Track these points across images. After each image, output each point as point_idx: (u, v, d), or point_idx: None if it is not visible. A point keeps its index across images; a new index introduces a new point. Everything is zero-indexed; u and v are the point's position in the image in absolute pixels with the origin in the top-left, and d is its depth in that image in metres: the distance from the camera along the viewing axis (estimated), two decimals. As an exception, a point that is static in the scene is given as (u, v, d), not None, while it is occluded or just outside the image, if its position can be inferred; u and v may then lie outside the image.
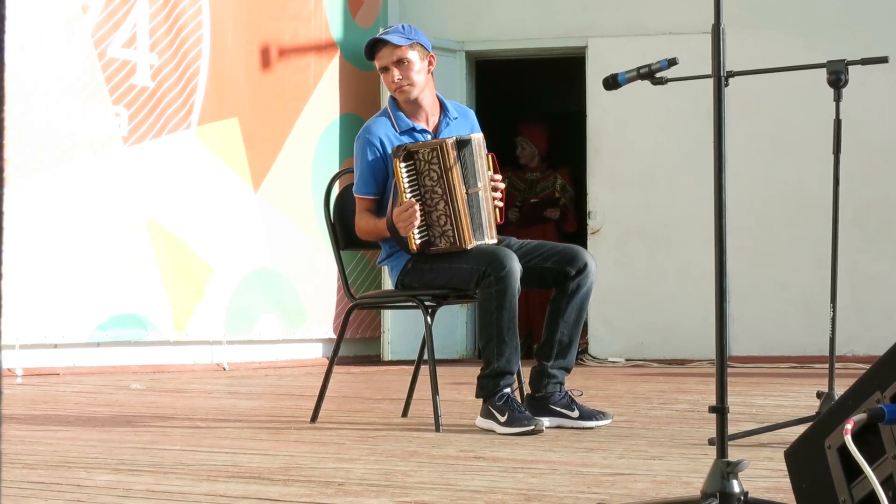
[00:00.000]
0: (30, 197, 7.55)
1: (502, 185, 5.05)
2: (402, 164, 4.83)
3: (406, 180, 4.84)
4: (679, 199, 9.97)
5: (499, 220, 5.02)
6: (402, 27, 5.10)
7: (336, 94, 9.80)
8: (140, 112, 8.26)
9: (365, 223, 5.04)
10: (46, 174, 7.69)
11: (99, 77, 8.02)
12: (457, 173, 4.84)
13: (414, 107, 5.07)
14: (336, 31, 9.82)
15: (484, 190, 4.94)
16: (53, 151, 7.74)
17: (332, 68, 9.76)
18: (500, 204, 5.04)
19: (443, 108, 5.14)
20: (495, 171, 5.03)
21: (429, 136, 5.05)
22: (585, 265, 4.92)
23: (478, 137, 4.95)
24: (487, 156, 4.99)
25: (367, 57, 5.12)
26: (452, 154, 4.82)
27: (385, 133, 5.02)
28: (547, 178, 11.25)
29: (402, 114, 5.07)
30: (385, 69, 5.04)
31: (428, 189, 4.85)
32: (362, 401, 6.38)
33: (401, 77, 5.00)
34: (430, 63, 5.08)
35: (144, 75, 8.32)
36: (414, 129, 5.05)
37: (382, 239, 5.05)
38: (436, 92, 5.16)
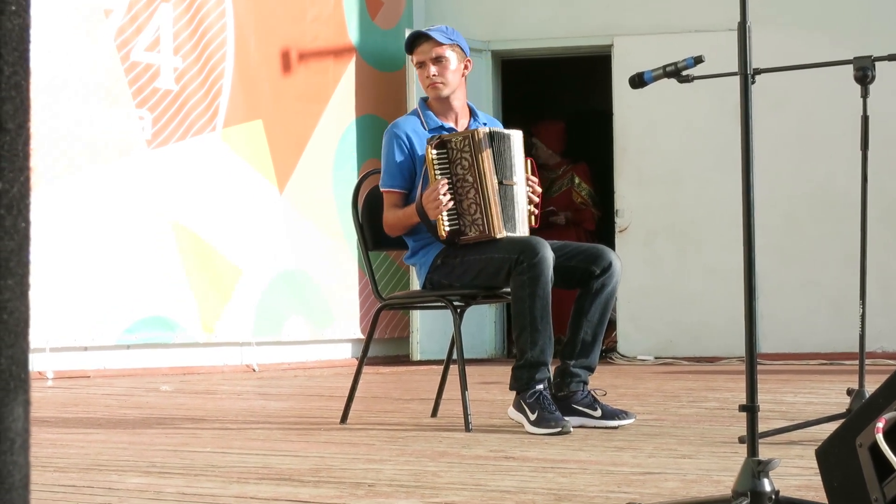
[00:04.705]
0: (55, 201, 7.58)
1: (539, 191, 5.04)
2: (434, 151, 4.86)
3: (437, 167, 4.86)
4: (706, 198, 9.94)
5: (534, 224, 5.01)
6: (445, 28, 5.15)
7: (354, 95, 9.81)
8: (164, 115, 8.29)
9: (392, 214, 5.04)
10: (71, 178, 7.72)
11: (122, 81, 8.05)
12: (488, 162, 4.84)
13: (444, 106, 5.10)
14: (353, 32, 9.83)
15: (520, 186, 4.94)
16: (78, 156, 7.77)
17: (349, 70, 9.77)
18: (536, 210, 5.03)
19: (472, 114, 5.18)
20: (533, 175, 5.04)
21: None
22: (610, 265, 4.91)
23: (517, 134, 4.97)
24: (527, 159, 5.01)
25: (406, 50, 5.17)
26: (485, 142, 4.84)
27: (413, 129, 5.06)
28: (563, 176, 11.21)
29: (431, 112, 5.11)
30: (422, 64, 5.08)
31: (459, 178, 4.86)
32: (392, 401, 6.39)
33: (436, 74, 5.04)
34: (465, 67, 5.12)
35: (168, 78, 8.34)
36: (442, 127, 5.07)
37: (410, 228, 5.03)
38: (467, 100, 5.19)
